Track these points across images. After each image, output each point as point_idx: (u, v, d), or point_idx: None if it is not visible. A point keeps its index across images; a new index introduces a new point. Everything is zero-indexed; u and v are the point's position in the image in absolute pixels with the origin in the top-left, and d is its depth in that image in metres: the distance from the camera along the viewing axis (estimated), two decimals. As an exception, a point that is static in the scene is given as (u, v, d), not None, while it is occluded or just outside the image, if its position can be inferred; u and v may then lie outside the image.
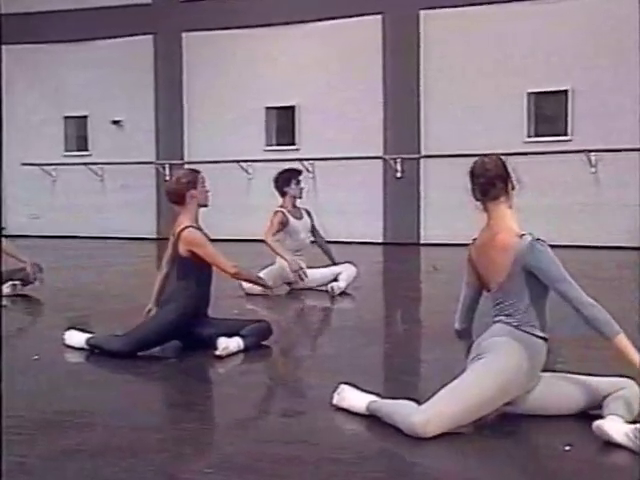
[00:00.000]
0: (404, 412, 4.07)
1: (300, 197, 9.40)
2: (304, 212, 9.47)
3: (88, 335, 6.22)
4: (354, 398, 4.43)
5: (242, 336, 6.08)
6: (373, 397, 4.39)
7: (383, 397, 4.41)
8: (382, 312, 8.82)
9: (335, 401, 4.51)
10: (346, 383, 4.57)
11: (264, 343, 6.32)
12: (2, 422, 3.52)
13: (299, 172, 9.49)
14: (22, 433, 4.17)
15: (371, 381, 4.93)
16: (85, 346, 6.17)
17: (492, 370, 4.10)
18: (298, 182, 9.34)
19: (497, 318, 4.30)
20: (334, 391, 4.54)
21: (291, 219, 9.26)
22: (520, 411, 4.27)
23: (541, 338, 4.24)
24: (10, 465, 3.57)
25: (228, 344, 5.97)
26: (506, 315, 4.26)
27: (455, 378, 4.17)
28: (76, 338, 6.27)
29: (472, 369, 4.18)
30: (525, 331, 4.20)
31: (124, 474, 3.64)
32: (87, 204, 18.60)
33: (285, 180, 9.36)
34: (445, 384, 4.15)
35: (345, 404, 4.45)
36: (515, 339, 4.18)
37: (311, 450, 3.93)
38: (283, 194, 9.36)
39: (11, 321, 7.77)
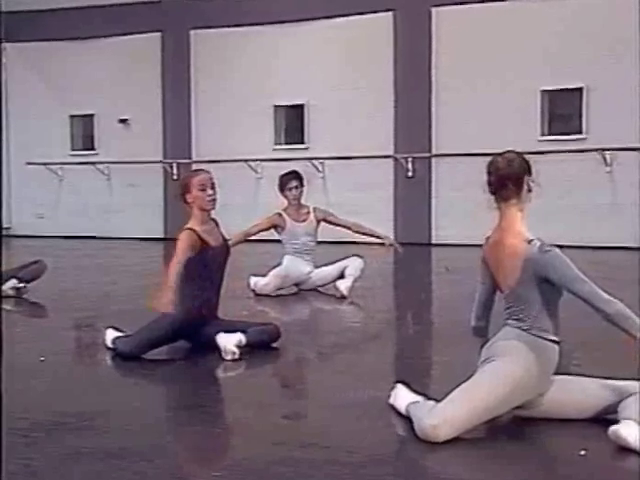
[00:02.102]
0: (418, 415, 4.03)
1: (294, 202, 9.24)
2: (312, 213, 9.34)
3: (118, 334, 6.16)
4: (401, 399, 4.38)
5: (245, 332, 5.99)
6: (418, 398, 4.31)
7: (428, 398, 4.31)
8: (393, 313, 8.73)
9: (391, 400, 4.47)
10: (401, 382, 4.55)
11: (274, 345, 6.24)
12: (3, 423, 3.45)
13: (296, 177, 9.29)
14: (28, 435, 4.14)
15: (381, 383, 4.90)
16: (111, 345, 6.10)
17: (500, 374, 4.07)
18: (291, 188, 9.19)
19: (508, 321, 4.26)
20: (342, 392, 4.60)
21: (289, 222, 9.19)
22: (533, 414, 4.22)
23: (552, 341, 4.18)
24: (16, 467, 3.59)
25: (228, 341, 5.86)
26: (516, 319, 4.21)
27: (466, 380, 4.13)
28: (109, 337, 6.20)
29: (481, 372, 4.14)
30: (535, 335, 4.15)
31: (132, 477, 3.61)
32: (93, 204, 18.53)
33: (281, 184, 9.28)
34: (456, 386, 4.11)
35: (396, 404, 4.41)
36: (524, 342, 4.14)
37: (321, 452, 3.89)
38: (285, 197, 9.28)
39: (16, 322, 7.83)
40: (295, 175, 9.31)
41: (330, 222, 9.40)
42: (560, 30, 14.72)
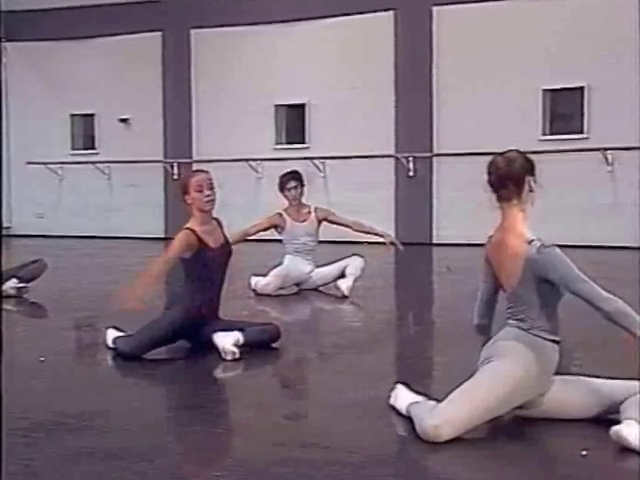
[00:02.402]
0: (419, 415, 4.01)
1: (293, 203, 9.23)
2: (313, 213, 9.32)
3: (118, 334, 6.13)
4: (401, 399, 4.35)
5: (242, 330, 5.95)
6: (418, 398, 4.29)
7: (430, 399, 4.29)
8: (393, 313, 8.68)
9: (391, 401, 4.45)
10: (402, 383, 4.53)
11: (274, 345, 6.22)
12: (3, 423, 3.47)
13: (294, 177, 9.26)
14: (28, 436, 4.13)
15: (382, 383, 4.87)
16: (112, 345, 6.08)
17: (501, 374, 4.05)
18: (290, 188, 9.18)
19: (509, 321, 4.25)
20: (342, 392, 4.57)
21: (289, 222, 9.18)
22: (535, 414, 4.19)
23: (552, 341, 4.15)
24: (16, 468, 3.58)
25: (225, 340, 5.83)
26: (517, 319, 4.20)
27: (466, 381, 4.12)
28: (110, 337, 6.18)
29: (481, 372, 4.13)
30: (535, 335, 4.13)
31: (132, 477, 3.59)
32: (94, 203, 18.48)
33: (281, 185, 9.28)
34: (456, 387, 4.10)
35: (397, 405, 4.38)
36: (523, 343, 4.12)
37: (321, 453, 3.87)
38: (285, 197, 9.29)
39: (17, 322, 7.82)
40: (294, 175, 9.27)
41: (331, 221, 9.38)
42: (561, 29, 14.67)
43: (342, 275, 9.13)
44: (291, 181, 9.20)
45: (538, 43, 14.81)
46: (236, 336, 5.86)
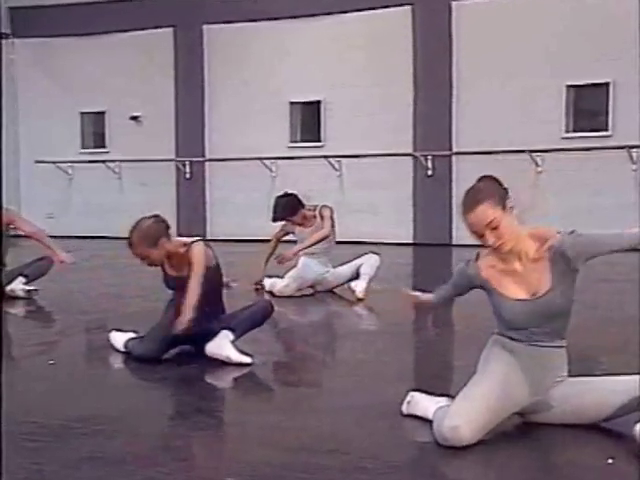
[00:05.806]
0: (437, 420, 3.96)
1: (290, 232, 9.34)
2: (318, 217, 9.20)
3: (128, 336, 6.09)
4: (426, 404, 4.26)
5: (231, 329, 5.81)
6: (443, 401, 4.20)
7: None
8: (411, 315, 8.45)
9: (405, 411, 4.38)
10: (416, 390, 4.46)
11: (288, 350, 6.29)
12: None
13: (282, 217, 9.17)
14: (37, 440, 4.11)
15: (400, 388, 4.72)
16: (123, 349, 6.04)
17: (489, 373, 4.06)
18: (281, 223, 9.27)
19: None
20: (355, 396, 4.58)
21: (297, 229, 9.28)
22: (550, 419, 4.11)
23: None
24: (25, 472, 3.62)
25: (213, 348, 5.74)
26: None
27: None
28: (117, 340, 6.17)
29: (476, 374, 4.14)
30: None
31: None
32: (104, 203, 18.38)
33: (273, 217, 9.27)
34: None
35: (419, 412, 4.29)
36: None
37: (339, 459, 3.81)
38: None
39: (25, 324, 7.94)
40: (277, 216, 9.16)
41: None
42: (586, 23, 14.43)
43: (357, 276, 9.05)
44: (281, 220, 9.19)
45: (561, 37, 14.58)
46: (226, 337, 5.74)
